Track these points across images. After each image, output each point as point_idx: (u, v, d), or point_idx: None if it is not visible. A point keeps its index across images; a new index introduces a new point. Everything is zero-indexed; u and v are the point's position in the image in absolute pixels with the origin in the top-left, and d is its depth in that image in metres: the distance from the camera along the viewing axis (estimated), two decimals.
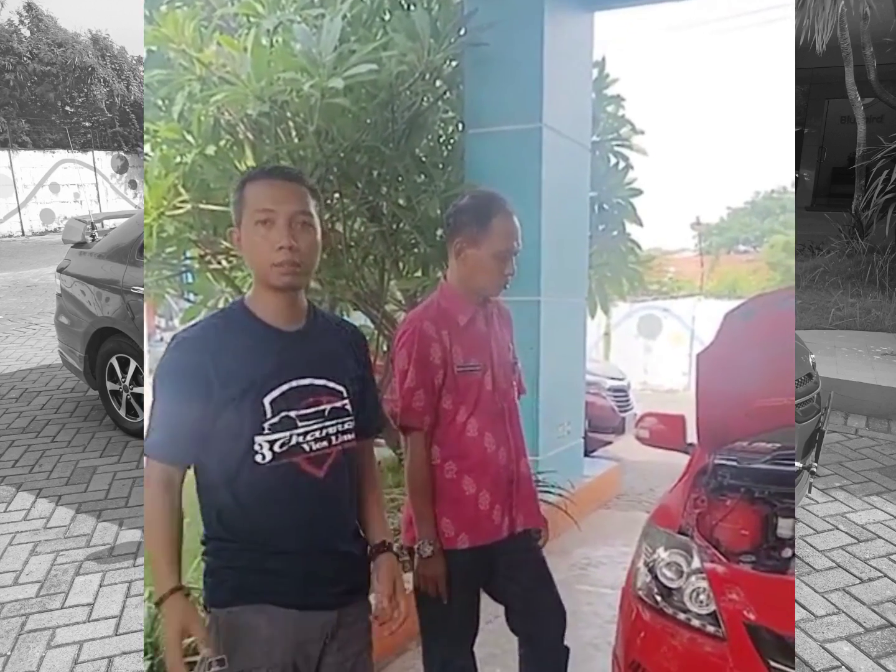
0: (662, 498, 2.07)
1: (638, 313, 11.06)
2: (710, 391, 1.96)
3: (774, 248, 14.58)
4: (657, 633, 1.66)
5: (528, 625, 1.77)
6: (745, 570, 1.71)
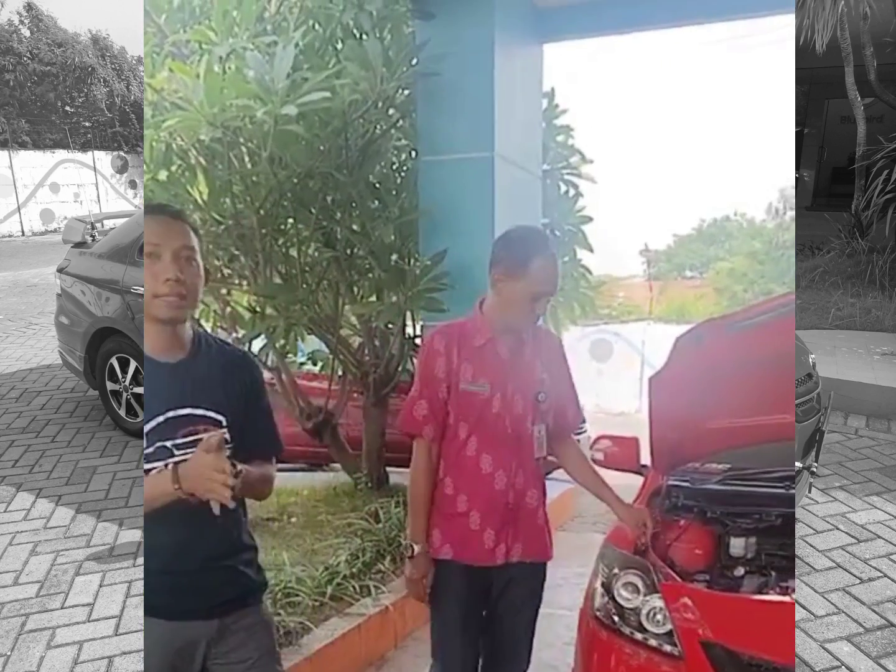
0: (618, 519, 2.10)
1: (589, 337, 11.42)
2: (663, 414, 2.00)
3: (720, 274, 14.87)
4: (615, 653, 1.68)
5: (492, 661, 1.78)
6: (700, 589, 1.74)
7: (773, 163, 20.73)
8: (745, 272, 14.33)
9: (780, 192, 14.76)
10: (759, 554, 1.92)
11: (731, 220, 16.62)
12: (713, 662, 1.53)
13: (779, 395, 1.98)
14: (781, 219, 14.72)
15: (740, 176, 19.56)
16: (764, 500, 2.02)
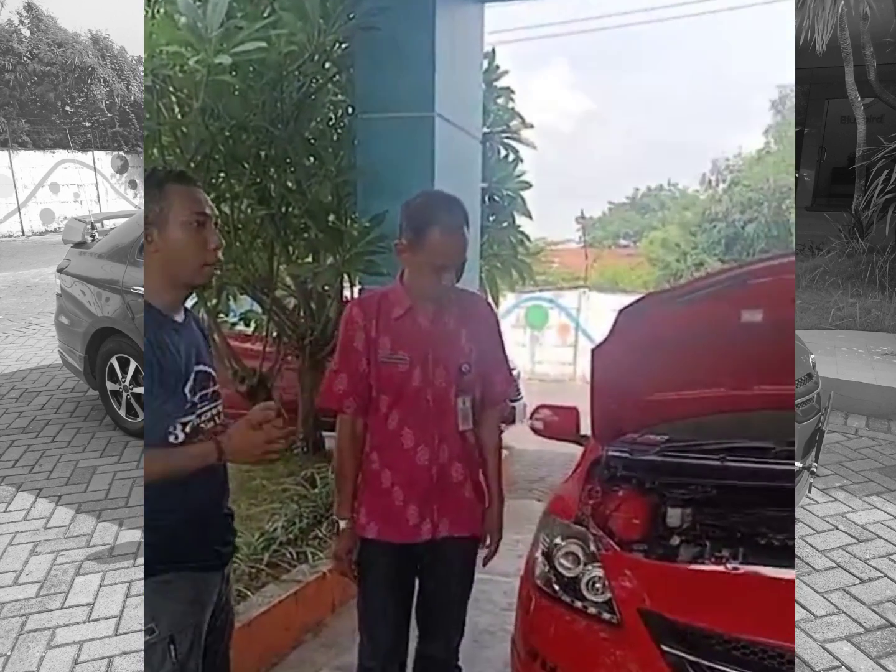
0: (558, 488, 2.12)
1: (525, 304, 11.34)
2: (605, 385, 2.02)
3: (654, 244, 14.72)
4: (555, 621, 1.70)
5: (424, 637, 1.78)
6: (638, 559, 1.76)
7: (707, 133, 20.74)
8: (677, 242, 14.24)
9: (713, 163, 14.66)
10: (694, 524, 1.95)
11: (665, 190, 16.50)
12: (650, 630, 1.55)
13: (718, 368, 2.01)
14: (714, 190, 14.62)
15: (674, 145, 19.59)
16: (700, 471, 2.04)
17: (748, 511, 1.96)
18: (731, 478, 2.01)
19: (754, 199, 13.46)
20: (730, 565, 1.68)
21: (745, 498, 1.99)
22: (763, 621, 1.52)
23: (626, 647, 1.57)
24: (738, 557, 1.76)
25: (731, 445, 2.08)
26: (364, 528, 1.65)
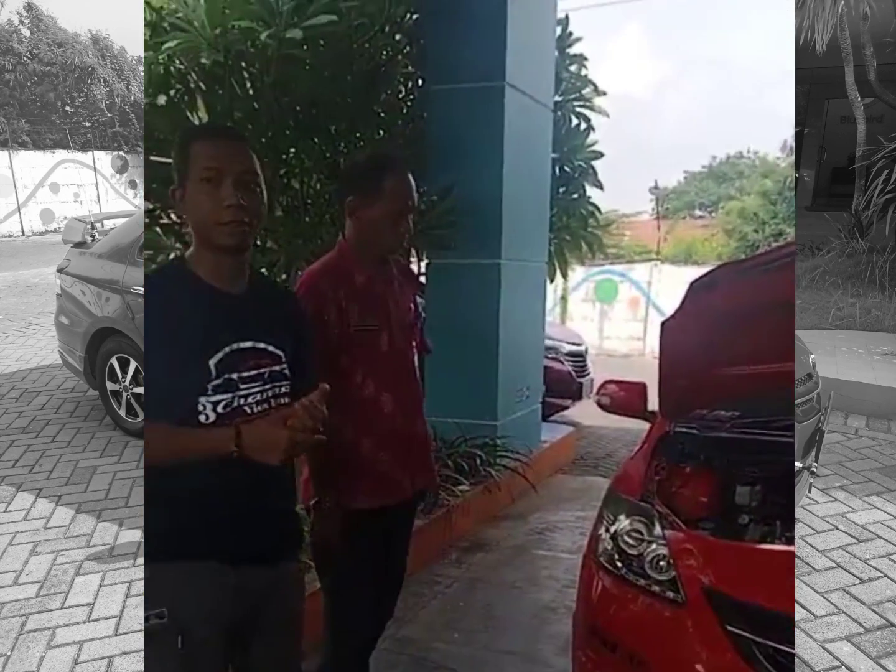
0: (623, 465, 2.08)
1: (594, 277, 11.16)
2: (673, 360, 1.98)
3: (730, 214, 14.26)
4: (617, 599, 1.68)
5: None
6: (704, 537, 1.73)
7: (788, 98, 20.64)
8: (756, 212, 13.71)
9: (793, 128, 13.98)
10: (763, 503, 1.90)
11: (744, 158, 15.92)
12: (715, 609, 1.52)
13: (782, 343, 1.95)
14: (795, 157, 14.00)
15: (754, 111, 19.17)
16: (771, 448, 1.98)
17: None
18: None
19: None
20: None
21: None
22: None
23: (689, 626, 1.54)
24: None
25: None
26: (353, 500, 1.64)
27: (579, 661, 1.77)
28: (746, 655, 1.46)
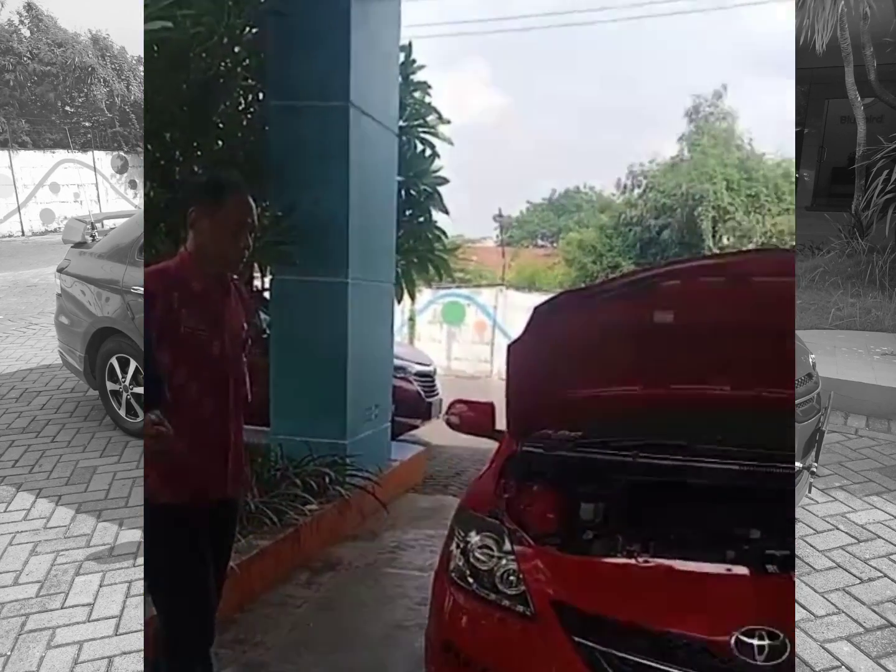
0: (474, 483, 2.14)
1: (442, 300, 11.55)
2: (520, 381, 2.05)
3: (571, 245, 14.89)
4: (469, 614, 1.73)
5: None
6: (552, 552, 1.79)
7: (622, 138, 21.18)
8: (594, 244, 14.49)
9: (628, 168, 14.86)
10: (606, 519, 2.00)
11: (581, 193, 16.77)
12: (563, 622, 1.59)
13: (631, 367, 2.06)
14: (629, 195, 14.90)
15: (590, 149, 20.14)
16: (613, 467, 2.07)
17: (659, 506, 2.01)
18: (643, 474, 2.05)
19: (668, 206, 13.83)
20: (640, 559, 1.73)
21: (657, 493, 2.03)
22: (672, 613, 1.57)
23: (538, 638, 1.61)
24: (649, 551, 1.81)
25: (644, 442, 2.10)
26: (161, 493, 1.68)
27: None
28: (593, 665, 1.53)
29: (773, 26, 18.54)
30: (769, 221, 13.16)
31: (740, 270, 1.87)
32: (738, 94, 15.49)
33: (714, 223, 13.16)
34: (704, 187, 13.08)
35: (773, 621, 1.48)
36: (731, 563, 1.74)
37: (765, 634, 1.46)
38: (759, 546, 1.85)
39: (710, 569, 1.68)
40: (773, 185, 13.20)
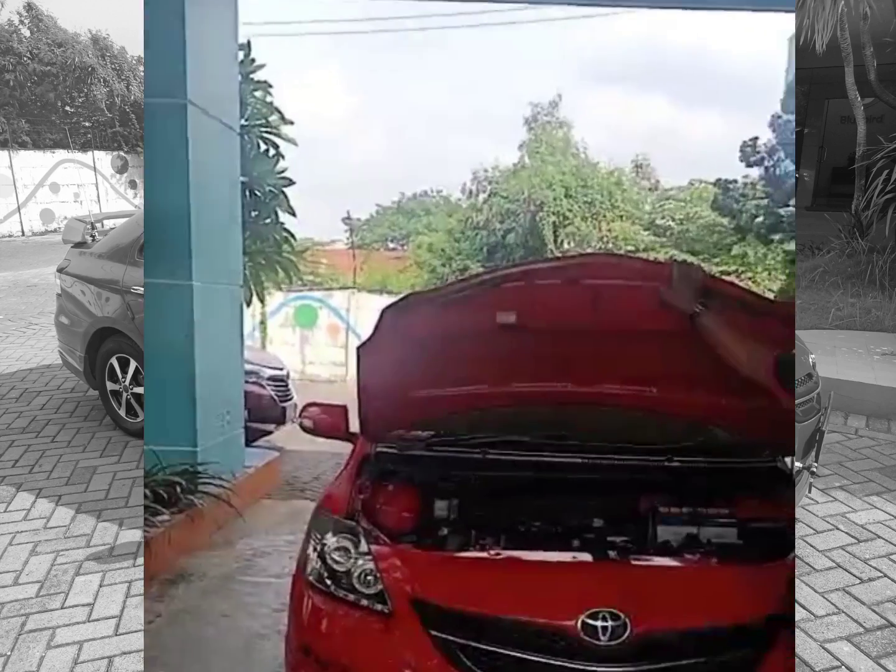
0: (329, 485, 2.17)
1: (293, 303, 11.49)
2: (371, 383, 2.07)
3: (421, 248, 15.00)
4: (328, 617, 1.74)
5: None
6: (408, 549, 1.83)
7: (466, 144, 21.36)
8: (443, 248, 14.68)
9: (472, 173, 15.11)
10: (460, 514, 2.05)
11: (429, 197, 16.86)
12: (421, 617, 1.63)
13: (478, 366, 2.10)
14: (475, 199, 15.16)
15: (437, 154, 20.35)
16: (464, 464, 2.13)
17: (508, 501, 2.08)
18: (492, 470, 2.11)
19: (512, 211, 14.25)
20: (492, 551, 1.79)
21: (506, 488, 2.10)
22: (523, 601, 1.63)
23: (397, 635, 1.64)
24: (500, 544, 1.88)
25: (493, 439, 2.17)
26: None
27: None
28: (451, 658, 1.59)
29: (608, 39, 18.96)
30: (605, 227, 13.71)
31: (575, 273, 1.93)
32: (572, 104, 16.00)
33: (555, 228, 13.68)
34: (545, 193, 13.66)
35: (615, 603, 1.58)
36: (575, 551, 1.85)
37: (607, 616, 1.56)
38: (601, 534, 1.97)
39: (557, 557, 1.77)
40: (607, 193, 13.78)
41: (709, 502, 2.07)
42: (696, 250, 12.59)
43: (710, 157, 17.61)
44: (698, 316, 1.81)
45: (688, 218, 13.11)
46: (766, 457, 2.22)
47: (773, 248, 11.37)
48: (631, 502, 2.11)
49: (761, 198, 11.21)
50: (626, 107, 18.85)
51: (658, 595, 1.69)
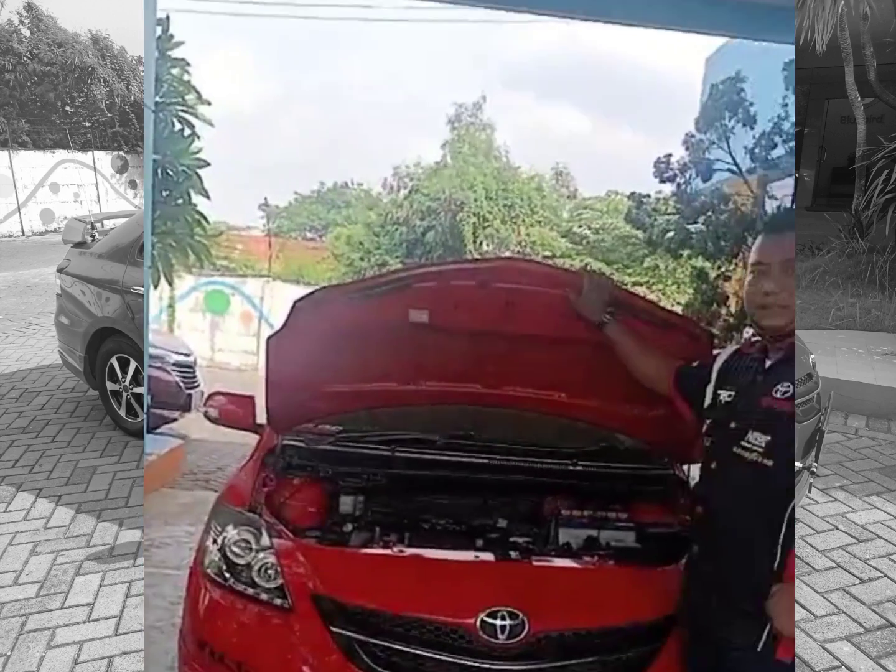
0: (232, 477, 2.15)
1: (204, 287, 11.12)
2: (279, 375, 2.04)
3: (339, 240, 14.67)
4: (226, 611, 1.72)
5: None
6: (311, 545, 1.82)
7: (389, 139, 21.16)
8: (362, 241, 14.36)
9: (393, 168, 14.91)
10: (366, 511, 2.05)
11: (350, 189, 16.55)
12: (321, 613, 1.63)
13: (389, 363, 2.08)
14: (395, 195, 14.94)
15: (359, 146, 20.07)
16: (371, 461, 2.12)
17: (414, 499, 2.09)
18: (399, 467, 2.11)
19: (433, 209, 14.09)
20: (396, 549, 1.79)
21: (412, 486, 2.10)
22: (424, 599, 1.64)
23: (296, 630, 1.63)
24: (405, 541, 1.88)
25: (401, 437, 2.17)
26: None
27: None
28: (350, 655, 1.59)
29: (534, 46, 19.00)
30: (523, 231, 13.71)
31: (489, 277, 1.92)
32: (496, 106, 15.99)
33: (474, 229, 13.64)
34: (466, 194, 13.61)
35: (514, 602, 1.60)
36: (478, 550, 1.86)
37: (506, 615, 1.58)
38: (505, 534, 1.98)
39: (460, 556, 1.78)
40: (527, 198, 13.78)
41: (609, 506, 2.10)
42: (610, 260, 12.72)
43: (627, 169, 17.74)
44: (606, 325, 1.83)
45: (603, 228, 13.25)
46: (665, 464, 2.26)
47: (683, 262, 11.48)
48: (535, 504, 2.13)
49: (672, 213, 11.36)
50: (548, 114, 18.90)
51: (557, 595, 1.71)
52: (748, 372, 1.57)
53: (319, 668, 1.60)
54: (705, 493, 1.63)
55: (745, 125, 10.10)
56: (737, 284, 9.34)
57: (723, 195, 10.70)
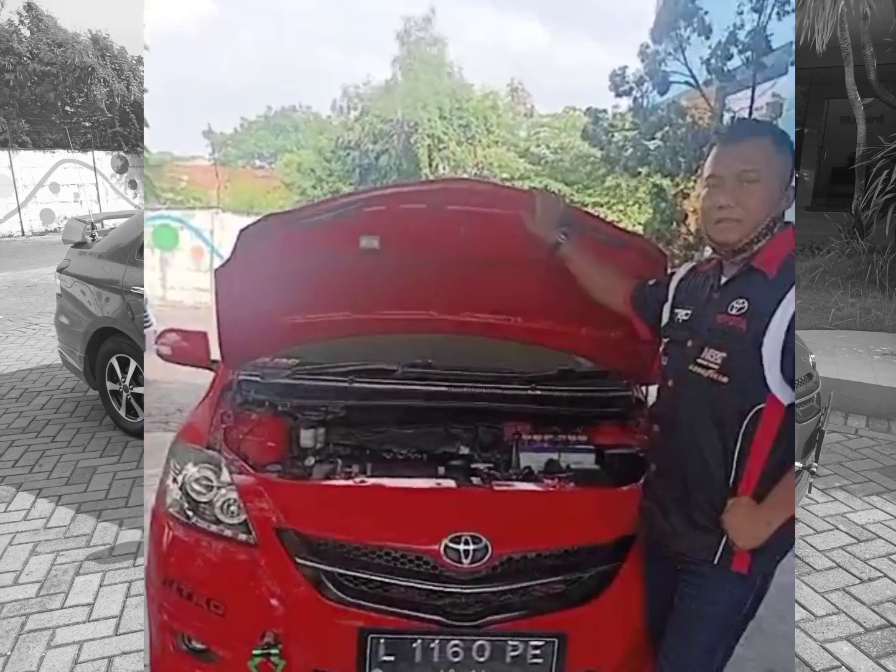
0: (189, 415, 2.12)
1: (151, 222, 10.52)
2: (230, 308, 1.98)
3: (289, 168, 14.03)
4: (190, 548, 1.72)
5: None
6: (272, 479, 1.81)
7: (336, 57, 20.14)
8: (312, 168, 13.81)
9: (342, 89, 14.38)
10: (326, 443, 2.03)
11: (298, 112, 15.89)
12: (286, 546, 1.63)
13: (341, 292, 2.04)
14: (346, 117, 14.38)
15: (305, 66, 19.16)
16: (330, 393, 2.09)
17: (375, 429, 2.07)
18: (359, 398, 2.09)
19: (385, 131, 13.45)
20: (357, 479, 1.79)
21: (372, 417, 2.08)
22: (388, 528, 1.65)
23: (262, 564, 1.64)
24: (367, 472, 1.88)
25: (359, 368, 2.13)
26: None
27: (154, 615, 1.79)
28: (317, 585, 1.60)
29: None
30: (480, 152, 13.16)
31: (439, 199, 1.84)
32: (446, 20, 15.19)
33: (430, 151, 13.03)
34: (418, 114, 12.98)
35: (477, 527, 1.62)
36: (440, 478, 1.86)
37: (469, 539, 1.59)
38: (466, 460, 1.98)
39: (422, 484, 1.78)
40: (482, 117, 13.18)
41: (569, 429, 2.09)
42: (570, 181, 12.17)
43: (583, 83, 16.69)
44: (560, 245, 1.75)
45: (562, 147, 12.69)
46: (624, 385, 2.24)
47: (642, 180, 10.95)
48: (495, 430, 2.12)
49: (629, 129, 10.75)
50: (501, 27, 17.88)
51: (518, 518, 1.72)
52: (704, 289, 1.55)
53: (287, 600, 1.60)
54: (662, 411, 1.61)
55: (701, 35, 9.69)
56: (696, 202, 8.85)
57: (680, 109, 10.23)
